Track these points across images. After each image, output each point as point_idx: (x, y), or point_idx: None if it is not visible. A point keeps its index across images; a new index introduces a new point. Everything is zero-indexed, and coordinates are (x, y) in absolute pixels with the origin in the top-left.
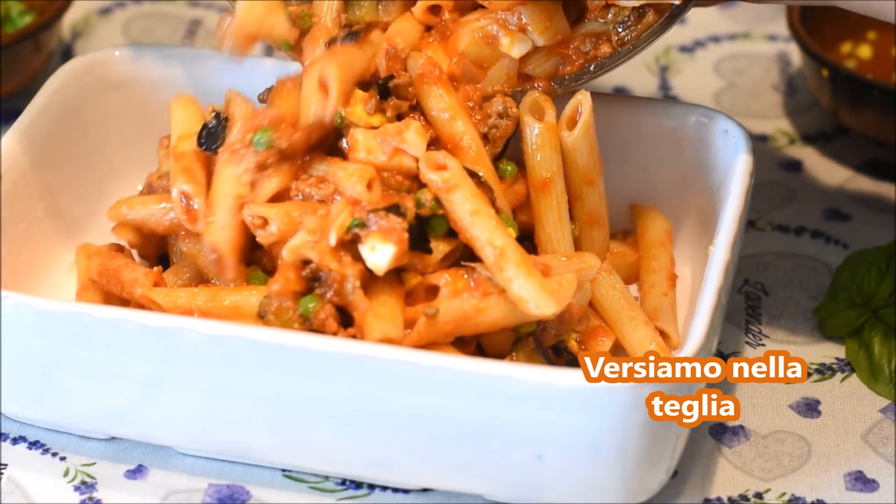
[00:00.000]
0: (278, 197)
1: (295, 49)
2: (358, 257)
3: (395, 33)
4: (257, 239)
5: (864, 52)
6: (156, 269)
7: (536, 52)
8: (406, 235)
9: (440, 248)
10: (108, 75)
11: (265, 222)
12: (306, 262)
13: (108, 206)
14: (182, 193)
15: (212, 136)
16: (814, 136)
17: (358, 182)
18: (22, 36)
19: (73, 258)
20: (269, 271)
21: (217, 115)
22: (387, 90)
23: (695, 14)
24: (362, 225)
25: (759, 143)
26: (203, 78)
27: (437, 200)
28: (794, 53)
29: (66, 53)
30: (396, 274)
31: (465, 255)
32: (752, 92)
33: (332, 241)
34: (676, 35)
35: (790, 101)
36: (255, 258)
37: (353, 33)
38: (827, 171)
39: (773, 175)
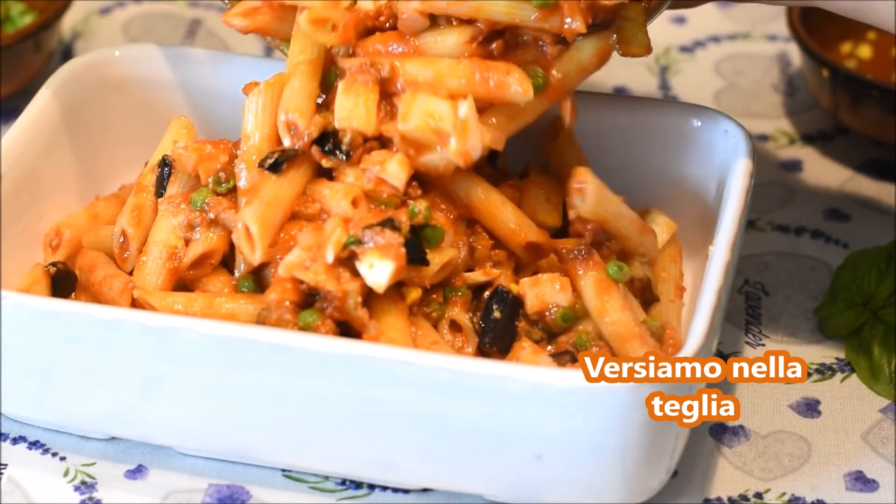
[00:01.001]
0: None
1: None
2: (357, 272)
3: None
4: (244, 260)
5: (864, 52)
6: (131, 284)
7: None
8: (403, 251)
9: (436, 259)
10: (108, 75)
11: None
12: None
13: None
14: (122, 231)
15: (159, 184)
16: (814, 136)
17: (343, 199)
18: (22, 36)
19: None
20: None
21: (163, 162)
22: None
23: (695, 14)
24: (358, 242)
25: (759, 143)
26: (203, 78)
27: (430, 209)
28: (794, 53)
29: (66, 53)
30: (395, 287)
31: (461, 267)
32: (752, 92)
33: (330, 258)
34: (676, 35)
35: (790, 101)
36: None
37: (276, 163)
38: (827, 171)
39: (773, 175)
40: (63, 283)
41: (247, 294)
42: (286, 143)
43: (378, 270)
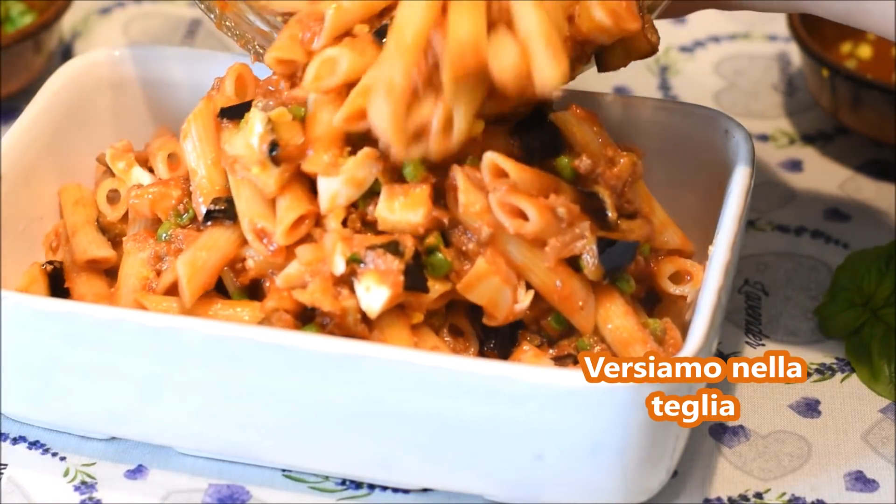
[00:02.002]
0: None
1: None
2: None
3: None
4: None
5: (864, 52)
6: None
7: None
8: (402, 278)
9: (436, 287)
10: (108, 75)
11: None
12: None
13: None
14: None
15: None
16: (814, 136)
17: (333, 219)
18: (22, 36)
19: None
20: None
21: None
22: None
23: (695, 14)
24: (359, 261)
25: (759, 143)
26: (202, 78)
27: (442, 235)
28: (794, 53)
29: (66, 53)
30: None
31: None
32: (752, 92)
33: (340, 268)
34: (676, 35)
35: (790, 101)
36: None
37: (211, 214)
38: (827, 171)
39: (773, 175)
40: (61, 280)
41: (243, 301)
42: (255, 249)
43: (373, 295)
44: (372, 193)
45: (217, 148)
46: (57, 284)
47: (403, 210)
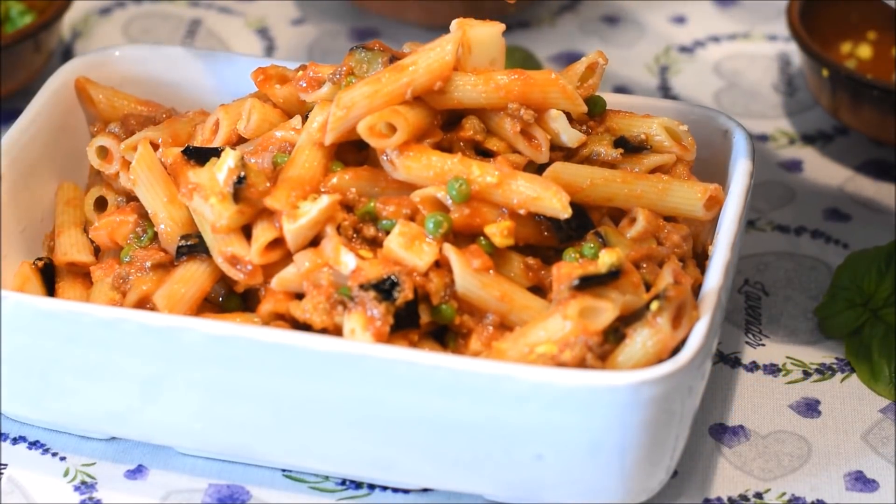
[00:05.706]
0: None
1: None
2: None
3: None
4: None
5: (864, 52)
6: None
7: None
8: (387, 328)
9: (424, 318)
10: (108, 75)
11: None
12: (299, 295)
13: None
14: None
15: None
16: (814, 136)
17: (329, 227)
18: (22, 36)
19: None
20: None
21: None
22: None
23: (695, 14)
24: (349, 297)
25: (759, 143)
26: (203, 78)
27: (449, 288)
28: (794, 53)
29: (66, 53)
30: None
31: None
32: (752, 92)
33: (352, 265)
34: (676, 35)
35: (790, 101)
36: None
37: (181, 250)
38: (827, 171)
39: (773, 175)
40: (54, 276)
41: (235, 314)
42: (231, 275)
43: (357, 338)
44: (365, 213)
45: (169, 185)
46: (51, 280)
47: (411, 251)
